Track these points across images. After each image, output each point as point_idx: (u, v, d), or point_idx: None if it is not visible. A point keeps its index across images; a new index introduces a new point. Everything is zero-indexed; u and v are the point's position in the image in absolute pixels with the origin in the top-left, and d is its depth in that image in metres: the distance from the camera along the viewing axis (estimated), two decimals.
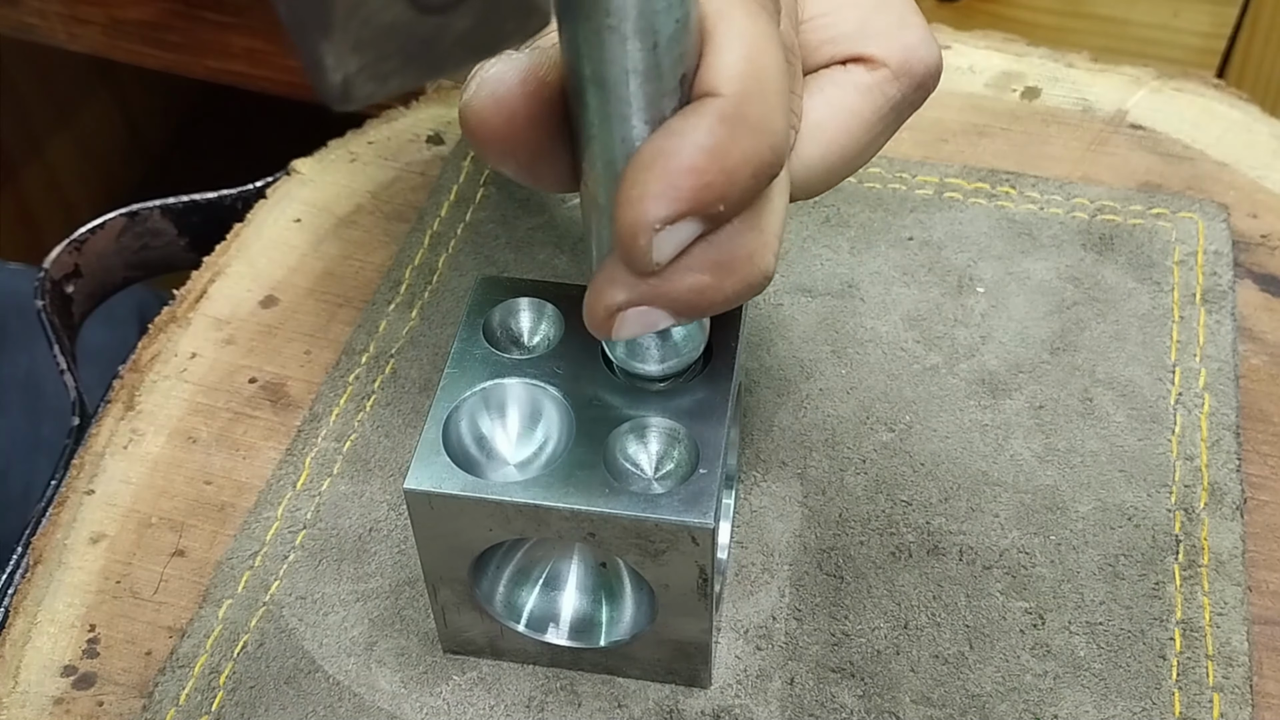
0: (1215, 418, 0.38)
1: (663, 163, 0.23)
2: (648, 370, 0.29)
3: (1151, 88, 0.49)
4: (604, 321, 0.26)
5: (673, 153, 0.23)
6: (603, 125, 0.24)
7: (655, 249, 0.24)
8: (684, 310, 0.25)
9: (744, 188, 0.24)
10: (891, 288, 0.42)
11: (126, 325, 0.60)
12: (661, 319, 0.25)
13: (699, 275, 0.25)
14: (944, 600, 0.34)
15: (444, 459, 0.29)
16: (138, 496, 0.38)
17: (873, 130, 0.29)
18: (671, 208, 0.23)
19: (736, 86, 0.23)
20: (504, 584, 0.32)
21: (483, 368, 0.31)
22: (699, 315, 0.26)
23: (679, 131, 0.23)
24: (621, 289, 0.25)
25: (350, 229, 0.45)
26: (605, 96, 0.23)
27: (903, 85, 0.29)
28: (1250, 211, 0.45)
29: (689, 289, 0.25)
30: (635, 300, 0.25)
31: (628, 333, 0.26)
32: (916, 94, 0.30)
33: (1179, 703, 0.32)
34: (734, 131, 0.23)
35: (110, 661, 0.34)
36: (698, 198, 0.23)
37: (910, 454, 0.37)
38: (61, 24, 0.77)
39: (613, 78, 0.23)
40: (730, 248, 0.25)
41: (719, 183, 0.23)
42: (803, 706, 0.32)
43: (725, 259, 0.25)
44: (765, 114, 0.23)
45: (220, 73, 0.76)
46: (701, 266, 0.24)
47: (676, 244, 0.24)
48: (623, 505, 0.28)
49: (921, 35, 0.29)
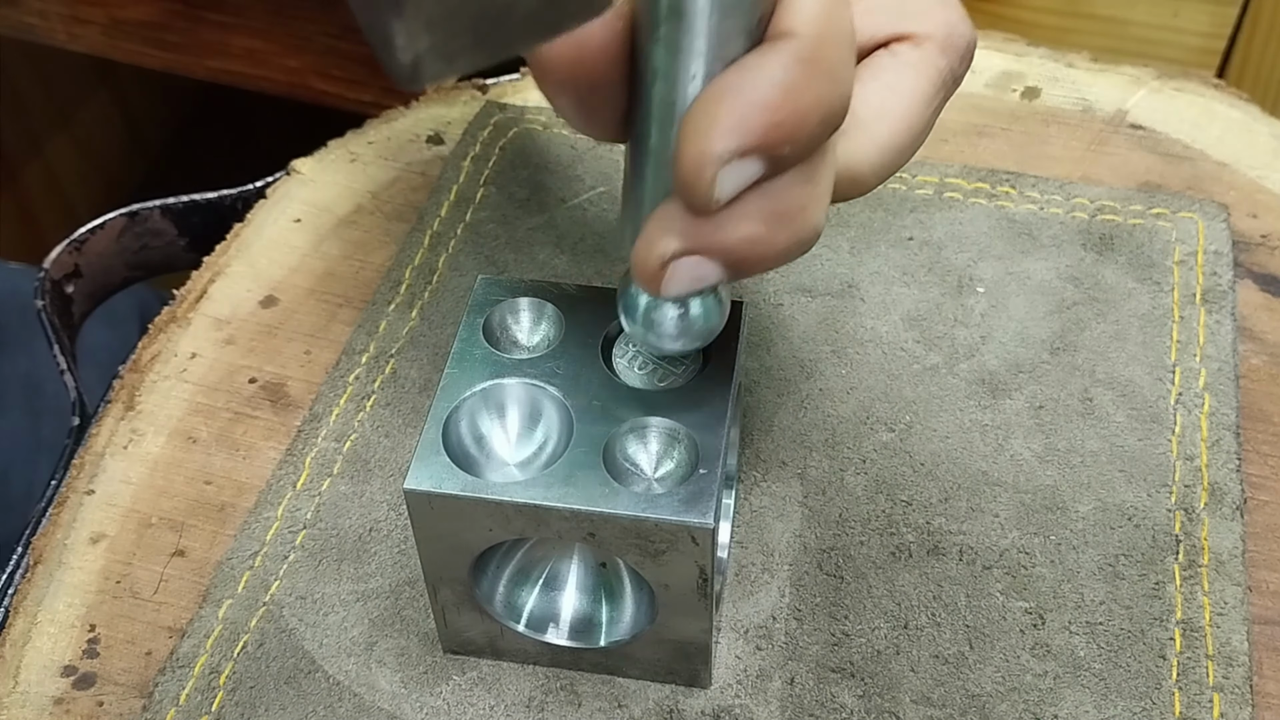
0: (1215, 418, 0.38)
1: (735, 96, 0.23)
2: (663, 346, 0.28)
3: (1151, 88, 0.49)
4: (655, 273, 0.25)
5: (747, 88, 0.23)
6: (674, 61, 0.23)
7: (719, 184, 0.23)
8: (735, 263, 0.25)
9: (811, 133, 0.23)
10: (891, 288, 0.42)
11: (126, 325, 0.60)
12: (712, 272, 0.25)
13: (754, 224, 0.24)
14: (944, 600, 0.34)
15: (444, 459, 0.29)
16: (138, 496, 0.38)
17: (932, 104, 0.29)
18: (741, 141, 0.23)
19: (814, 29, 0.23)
20: (504, 584, 0.32)
21: (483, 368, 0.31)
22: (749, 270, 0.26)
23: (755, 67, 0.23)
24: (676, 237, 0.25)
25: (350, 229, 0.45)
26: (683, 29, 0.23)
27: (950, 58, 0.29)
28: (1250, 211, 0.45)
29: (743, 239, 0.24)
30: (689, 248, 0.25)
31: (676, 288, 0.25)
32: (962, 66, 0.30)
33: (1179, 703, 0.32)
34: (809, 73, 0.23)
35: (110, 662, 0.34)
36: (767, 136, 0.23)
37: (910, 454, 0.38)
38: (61, 24, 0.77)
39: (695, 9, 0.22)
40: (785, 198, 0.24)
41: (789, 123, 0.23)
42: (803, 706, 0.32)
43: (780, 209, 0.24)
44: (838, 61, 0.23)
45: (220, 73, 0.76)
46: (757, 215, 0.24)
47: (739, 182, 0.24)
48: (622, 505, 0.28)
49: (960, 12, 0.30)
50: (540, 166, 0.46)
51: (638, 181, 0.26)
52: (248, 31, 0.74)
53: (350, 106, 0.74)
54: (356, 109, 0.73)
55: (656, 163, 0.25)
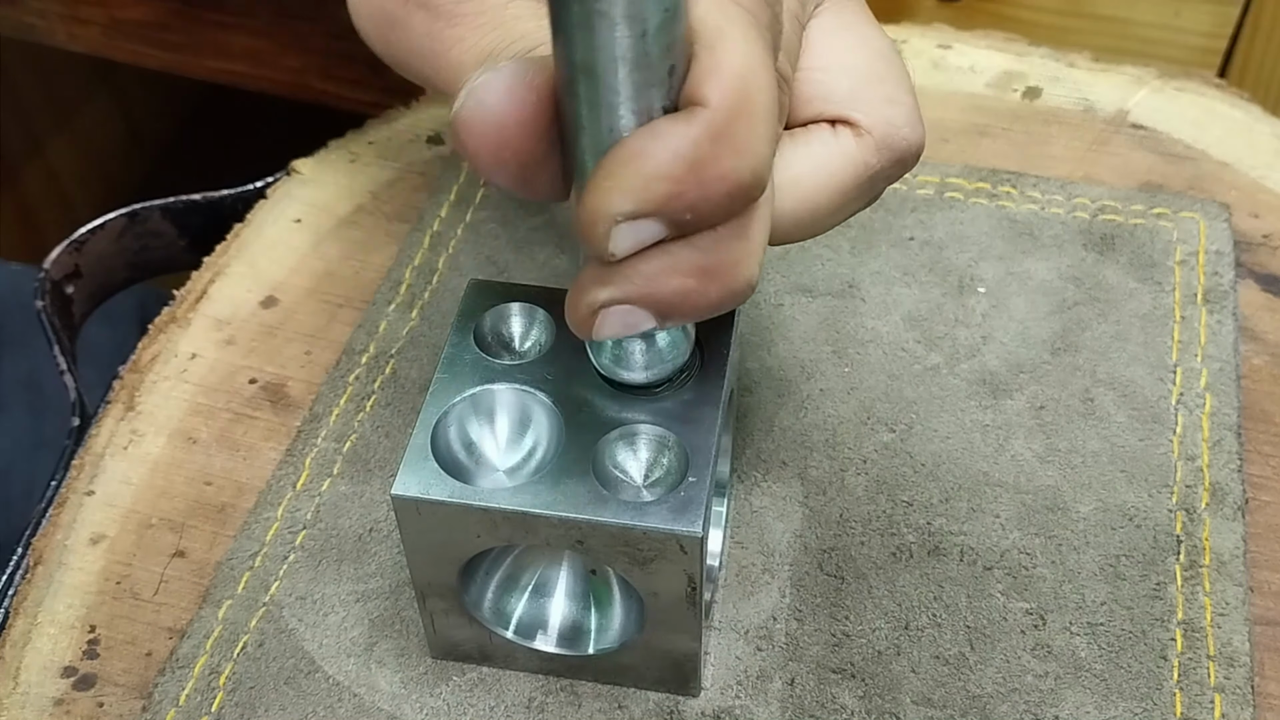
0: (1217, 418, 0.38)
1: (639, 162, 0.23)
2: (632, 378, 0.29)
3: (1153, 87, 0.49)
4: (586, 319, 0.26)
5: (650, 154, 0.23)
6: (591, 115, 0.24)
7: (613, 240, 0.24)
8: (667, 313, 0.25)
9: (717, 204, 0.24)
10: (892, 288, 0.42)
11: (126, 325, 0.60)
12: (644, 320, 0.25)
13: (684, 279, 0.25)
14: (945, 601, 0.34)
15: (432, 465, 0.28)
16: (138, 497, 0.38)
17: (847, 196, 0.29)
18: (637, 205, 0.23)
19: (726, 102, 0.23)
20: (493, 590, 0.32)
21: (473, 373, 0.30)
22: (683, 319, 0.26)
23: (661, 134, 0.23)
24: (605, 288, 0.25)
25: (350, 229, 0.45)
26: (595, 84, 0.23)
27: (883, 157, 0.29)
28: (1252, 211, 0.45)
29: (673, 292, 0.25)
30: (618, 299, 0.25)
31: (609, 332, 0.26)
32: (895, 169, 0.30)
33: (1180, 703, 0.32)
34: (716, 147, 0.23)
35: (110, 662, 0.34)
36: (666, 204, 0.23)
37: (911, 454, 0.37)
38: (61, 24, 0.77)
39: (602, 65, 0.23)
40: (715, 254, 0.25)
41: (690, 194, 0.23)
42: (803, 707, 0.32)
43: (710, 265, 0.25)
44: (751, 135, 0.23)
45: (220, 73, 0.76)
46: (686, 270, 0.24)
47: (636, 240, 0.24)
48: (611, 513, 0.27)
49: (909, 115, 0.30)
50: None
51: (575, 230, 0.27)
52: (248, 31, 0.74)
53: (350, 106, 0.74)
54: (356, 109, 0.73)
55: None
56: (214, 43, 0.75)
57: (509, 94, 0.24)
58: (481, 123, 0.24)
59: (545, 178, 0.25)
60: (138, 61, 0.78)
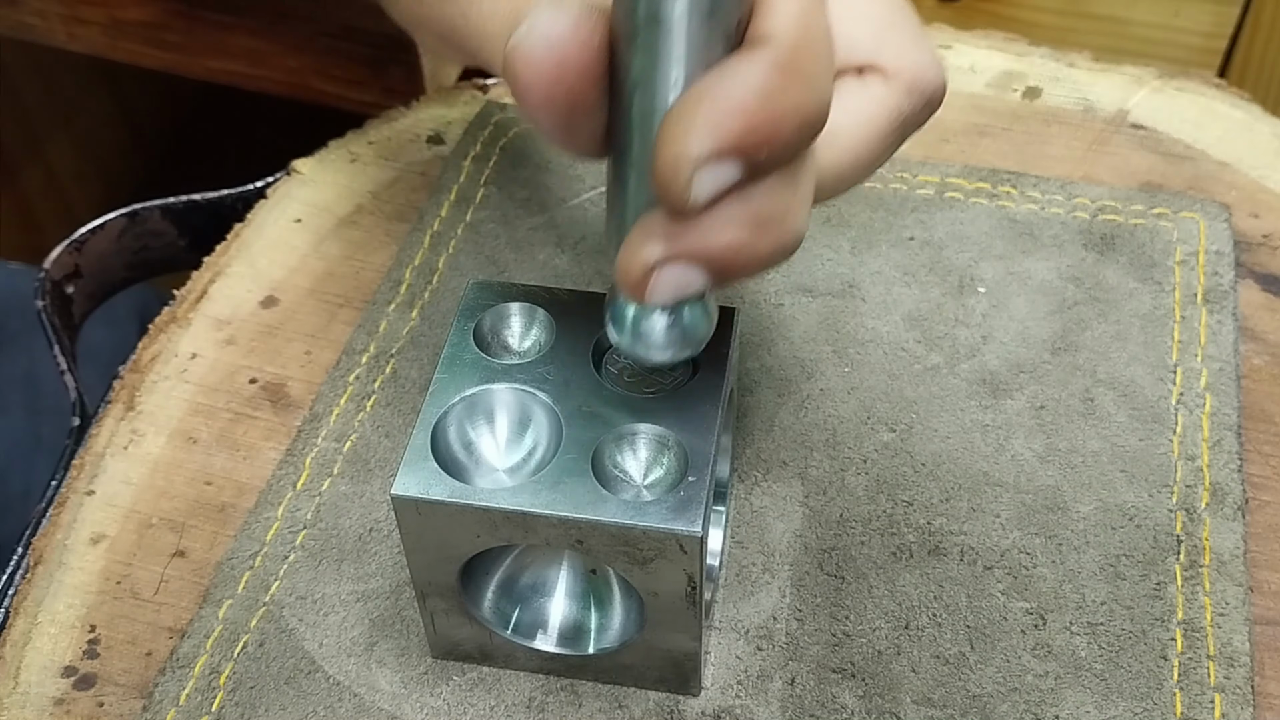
0: (1217, 418, 0.38)
1: (713, 99, 0.23)
2: (651, 357, 0.28)
3: (1153, 87, 0.49)
4: (639, 280, 0.25)
5: (724, 92, 0.23)
6: (654, 69, 0.23)
7: (695, 186, 0.23)
8: (719, 269, 0.25)
9: (788, 139, 0.24)
10: (892, 288, 0.42)
11: (126, 325, 0.60)
12: (696, 279, 0.25)
13: (736, 230, 0.24)
14: (945, 601, 0.34)
15: (432, 465, 0.28)
16: (138, 497, 0.38)
17: (885, 140, 0.29)
18: (718, 144, 0.23)
19: (792, 36, 0.23)
20: (493, 590, 0.32)
21: (472, 373, 0.30)
22: (732, 277, 0.26)
23: (733, 72, 0.23)
24: (659, 244, 0.25)
25: (351, 229, 0.45)
26: (662, 37, 0.23)
27: (914, 100, 0.29)
28: (1252, 211, 0.45)
29: (726, 245, 0.25)
30: (673, 254, 0.25)
31: (662, 294, 0.25)
32: (924, 111, 0.30)
33: (1180, 703, 0.32)
34: (787, 79, 0.23)
35: (111, 662, 0.34)
36: (743, 140, 0.23)
37: (911, 454, 0.37)
38: (61, 24, 0.77)
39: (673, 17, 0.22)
40: (767, 204, 0.24)
41: (766, 128, 0.23)
42: (803, 707, 0.32)
43: (762, 215, 0.24)
44: (816, 67, 0.23)
45: (220, 73, 0.76)
46: (739, 221, 0.24)
47: (716, 185, 0.24)
48: (610, 513, 0.27)
49: (932, 56, 0.30)
50: (540, 166, 0.46)
51: (621, 192, 0.26)
52: (248, 31, 0.74)
53: (350, 106, 0.74)
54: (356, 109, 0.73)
55: (639, 173, 0.25)
56: (214, 43, 0.75)
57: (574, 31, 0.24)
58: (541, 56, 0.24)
59: (589, 128, 0.25)
60: (138, 61, 0.78)
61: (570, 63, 0.24)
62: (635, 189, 0.26)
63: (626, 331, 0.28)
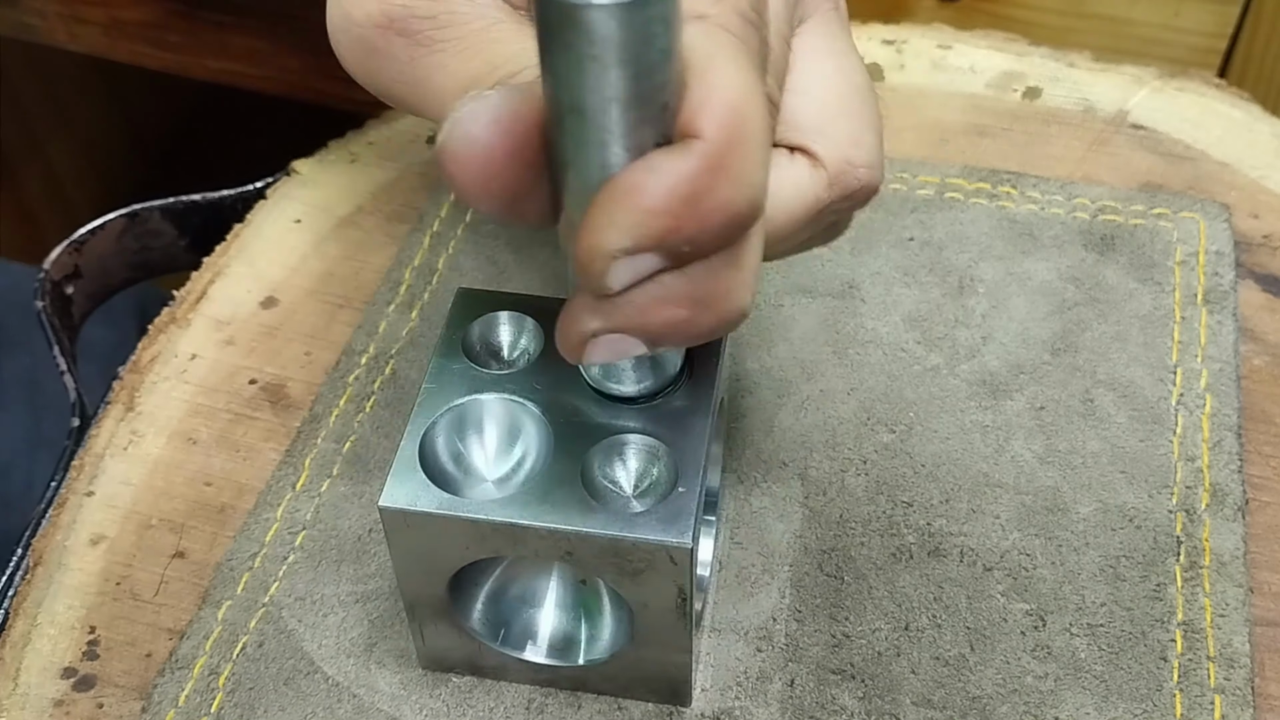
0: (1217, 419, 0.38)
1: (634, 197, 0.23)
2: (622, 391, 0.29)
3: (1153, 87, 0.49)
4: (576, 346, 0.25)
5: (645, 189, 0.23)
6: (581, 152, 0.23)
7: (612, 275, 0.23)
8: (658, 341, 0.25)
9: (715, 235, 0.23)
10: (892, 288, 0.42)
11: (126, 325, 0.60)
12: (634, 347, 0.25)
13: (675, 309, 0.24)
14: (945, 602, 0.34)
15: (420, 476, 0.28)
16: (138, 498, 0.38)
17: (797, 225, 0.29)
18: (633, 241, 0.23)
19: (721, 133, 0.23)
20: (482, 601, 0.32)
21: (461, 383, 0.30)
22: (674, 346, 0.26)
23: (656, 169, 0.23)
24: (596, 316, 0.25)
25: (350, 229, 0.45)
26: (585, 124, 0.23)
27: (834, 193, 0.29)
28: (1252, 212, 0.45)
29: (664, 322, 0.24)
30: (609, 328, 0.25)
31: (599, 358, 0.25)
32: (844, 204, 0.30)
33: (1180, 704, 0.32)
34: (713, 179, 0.23)
35: (110, 663, 0.34)
36: (663, 238, 0.23)
37: (911, 455, 0.37)
38: (61, 24, 0.77)
39: (593, 105, 0.22)
40: (708, 284, 0.24)
41: (688, 227, 0.23)
42: (803, 708, 0.32)
43: (702, 294, 0.24)
44: (747, 165, 0.23)
45: (220, 73, 0.76)
46: (678, 300, 0.24)
47: (634, 274, 0.24)
48: (600, 524, 0.27)
49: (869, 155, 0.29)
50: None
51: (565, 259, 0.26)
52: (247, 31, 0.74)
53: (350, 106, 0.74)
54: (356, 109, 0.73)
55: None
56: (214, 43, 0.75)
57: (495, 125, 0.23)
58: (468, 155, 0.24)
59: (533, 206, 0.25)
60: (138, 61, 0.78)
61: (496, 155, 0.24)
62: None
63: (594, 366, 0.28)
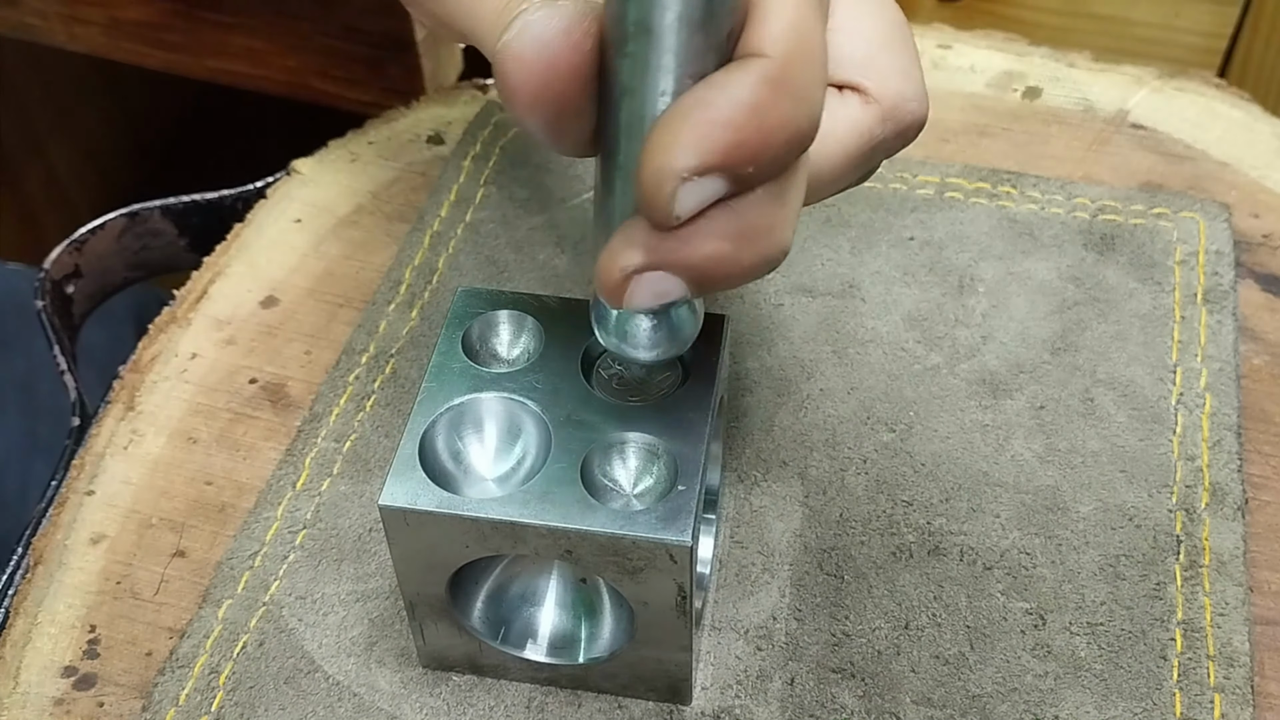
0: (1217, 418, 0.38)
1: (700, 113, 0.23)
2: (637, 356, 0.28)
3: (1153, 87, 0.49)
4: (617, 285, 0.25)
5: (712, 105, 0.23)
6: (642, 77, 0.23)
7: (678, 200, 0.23)
8: (699, 279, 0.25)
9: (776, 154, 0.23)
10: (892, 288, 0.42)
11: (124, 326, 0.60)
12: (675, 288, 0.25)
13: (719, 242, 0.24)
14: (945, 601, 0.34)
15: (420, 475, 0.28)
16: (138, 497, 0.38)
17: (851, 161, 0.29)
18: (702, 159, 0.23)
19: (783, 49, 0.23)
20: (482, 600, 0.32)
21: (461, 381, 0.30)
22: (713, 287, 0.25)
23: (722, 85, 0.23)
24: (639, 251, 0.24)
25: (350, 229, 0.45)
26: (651, 45, 0.23)
27: (888, 128, 0.29)
28: (1252, 211, 0.45)
29: (707, 256, 0.24)
30: (652, 263, 0.24)
31: (639, 300, 0.25)
32: (897, 140, 0.30)
33: (1180, 703, 0.32)
34: (776, 94, 0.23)
35: (110, 662, 0.34)
36: (730, 155, 0.23)
37: (911, 454, 0.37)
38: (61, 24, 0.77)
39: (663, 25, 0.22)
40: (753, 217, 0.24)
41: (753, 143, 0.23)
42: (803, 707, 0.32)
43: (747, 228, 0.24)
44: (807, 82, 0.23)
45: (220, 73, 0.76)
46: (722, 233, 0.24)
47: (700, 199, 0.23)
48: (600, 522, 0.27)
49: (919, 89, 0.29)
50: (540, 166, 0.46)
51: (607, 195, 0.26)
52: (248, 31, 0.74)
53: (350, 106, 0.74)
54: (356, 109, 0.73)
55: (625, 178, 0.25)
56: (214, 43, 0.75)
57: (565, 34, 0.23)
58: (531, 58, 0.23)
59: (577, 129, 0.25)
60: (138, 61, 0.78)
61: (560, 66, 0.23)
62: (621, 193, 0.26)
63: (611, 331, 0.28)
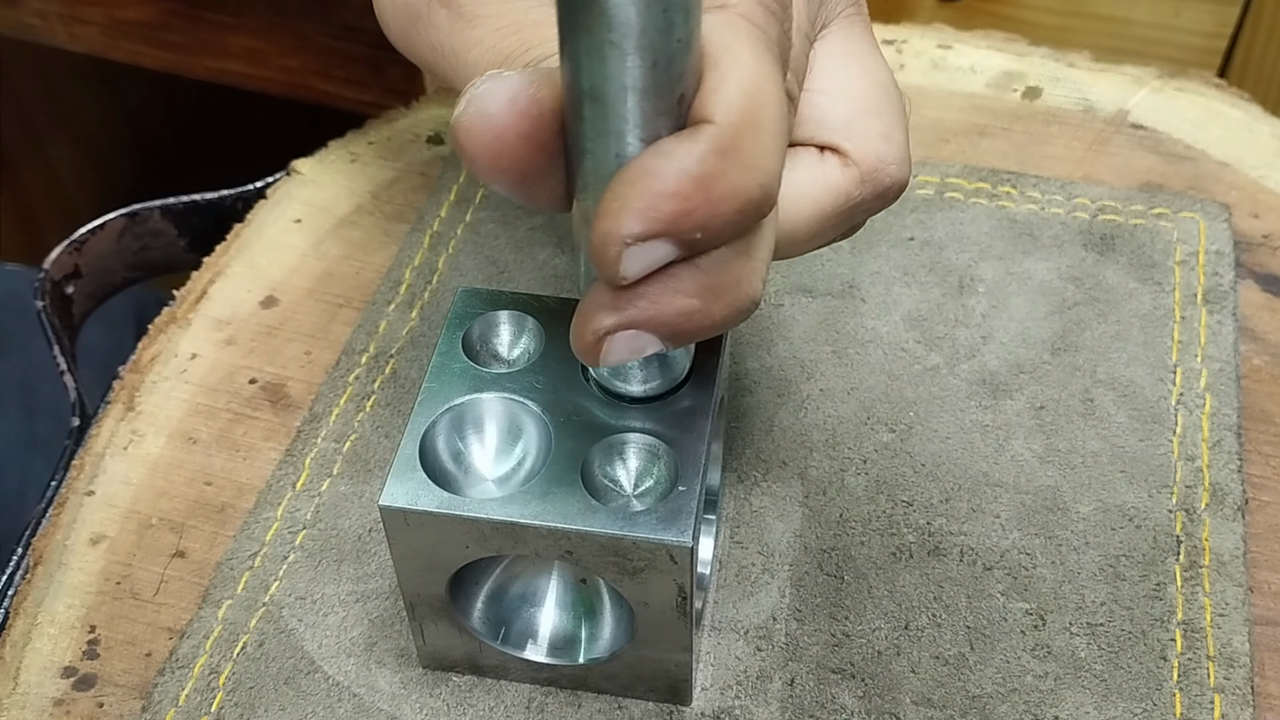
0: (1216, 418, 0.38)
1: (646, 181, 0.23)
2: (630, 390, 0.29)
3: (1153, 87, 0.49)
4: (591, 346, 0.25)
5: (657, 173, 0.23)
6: (597, 141, 0.23)
7: (624, 263, 0.23)
8: (671, 335, 0.25)
9: (727, 221, 0.23)
10: (892, 288, 0.42)
11: (123, 326, 0.60)
12: (649, 344, 0.25)
13: (687, 299, 0.24)
14: (945, 601, 0.34)
15: (420, 475, 0.28)
16: (138, 497, 0.38)
17: (827, 222, 0.29)
18: (645, 226, 0.23)
19: (733, 117, 0.23)
20: (482, 600, 0.32)
21: (461, 382, 0.30)
22: (687, 340, 0.26)
23: (669, 153, 0.23)
24: (609, 313, 0.25)
25: (350, 229, 0.45)
26: (602, 112, 0.23)
27: (866, 190, 0.29)
28: (1252, 211, 0.45)
29: (678, 312, 0.24)
30: (623, 324, 0.25)
31: (615, 359, 0.25)
32: (876, 201, 0.30)
33: (1180, 704, 0.32)
34: (724, 163, 0.23)
35: (110, 663, 0.34)
36: (675, 223, 0.23)
37: (911, 454, 0.37)
38: (61, 24, 0.77)
39: (611, 93, 0.22)
40: (718, 274, 0.24)
41: (700, 213, 0.23)
42: (803, 707, 0.32)
43: (714, 284, 0.24)
44: (759, 150, 0.23)
45: (220, 73, 0.76)
46: (690, 290, 0.24)
47: (646, 263, 0.24)
48: (600, 523, 0.27)
49: (900, 152, 0.29)
50: None
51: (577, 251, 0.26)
52: (248, 31, 0.74)
53: (350, 106, 0.74)
54: (356, 109, 0.73)
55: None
56: (214, 43, 0.75)
57: (511, 104, 0.24)
58: (481, 130, 0.24)
59: (545, 189, 0.25)
60: (138, 61, 0.78)
61: (509, 135, 0.24)
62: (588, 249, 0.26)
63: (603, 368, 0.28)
